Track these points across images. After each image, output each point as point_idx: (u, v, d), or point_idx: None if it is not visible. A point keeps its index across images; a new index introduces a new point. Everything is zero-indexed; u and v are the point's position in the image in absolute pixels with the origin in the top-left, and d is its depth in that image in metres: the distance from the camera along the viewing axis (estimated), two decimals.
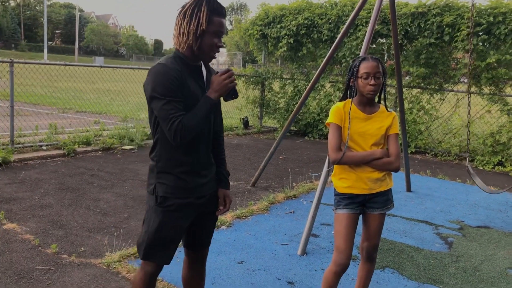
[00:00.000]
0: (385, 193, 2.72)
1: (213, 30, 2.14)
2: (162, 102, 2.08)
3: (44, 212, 4.67)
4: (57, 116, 10.70)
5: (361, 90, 2.61)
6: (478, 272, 3.87)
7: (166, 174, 2.24)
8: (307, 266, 3.80)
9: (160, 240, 2.28)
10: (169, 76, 2.09)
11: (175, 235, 2.30)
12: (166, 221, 2.25)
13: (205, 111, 2.14)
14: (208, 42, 2.16)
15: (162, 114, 2.09)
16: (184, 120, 2.07)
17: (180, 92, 2.12)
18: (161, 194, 2.24)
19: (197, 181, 2.29)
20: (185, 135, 2.09)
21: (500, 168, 8.31)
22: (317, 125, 10.76)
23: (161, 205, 2.25)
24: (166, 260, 2.34)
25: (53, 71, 9.21)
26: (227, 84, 2.17)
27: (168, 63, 2.14)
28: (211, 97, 2.16)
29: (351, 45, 9.75)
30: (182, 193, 2.25)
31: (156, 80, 2.10)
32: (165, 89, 2.08)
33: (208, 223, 2.49)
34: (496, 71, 8.30)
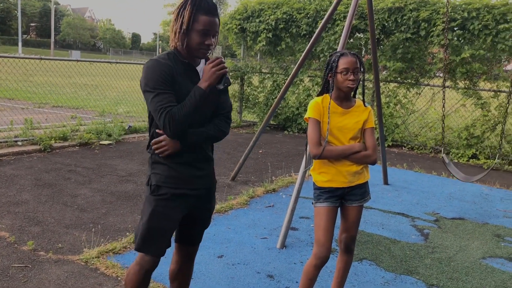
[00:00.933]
0: (362, 186, 2.77)
1: (198, 28, 2.15)
2: (152, 95, 2.13)
3: (20, 209, 4.60)
4: (33, 111, 10.51)
5: (340, 85, 2.63)
6: (453, 263, 3.96)
7: (159, 164, 2.29)
8: (287, 259, 3.84)
9: (153, 230, 2.29)
10: (159, 70, 2.13)
11: (168, 225, 2.31)
12: (159, 210, 2.28)
13: (194, 101, 2.15)
14: (195, 41, 2.17)
15: (153, 106, 2.13)
16: (173, 111, 2.10)
17: (170, 85, 2.15)
18: (154, 183, 2.28)
19: (191, 172, 2.31)
20: (175, 125, 2.11)
21: (474, 161, 8.49)
22: (296, 119, 10.81)
23: (154, 194, 2.28)
24: (160, 251, 2.34)
25: (28, 65, 9.02)
26: (215, 72, 2.17)
27: (160, 58, 2.19)
28: (201, 87, 2.17)
29: (329, 39, 9.81)
30: (175, 183, 2.28)
31: (148, 74, 2.15)
32: (155, 82, 2.12)
33: (202, 219, 2.51)
34: (470, 66, 8.47)
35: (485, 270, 3.86)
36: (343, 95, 2.69)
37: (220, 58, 2.19)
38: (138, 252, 2.38)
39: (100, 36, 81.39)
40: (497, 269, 3.90)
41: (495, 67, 8.70)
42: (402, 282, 3.54)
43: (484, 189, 6.58)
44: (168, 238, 2.35)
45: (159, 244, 2.33)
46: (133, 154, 7.38)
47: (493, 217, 5.31)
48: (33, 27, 77.89)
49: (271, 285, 3.35)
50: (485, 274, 3.78)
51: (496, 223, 5.12)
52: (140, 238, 2.32)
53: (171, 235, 2.36)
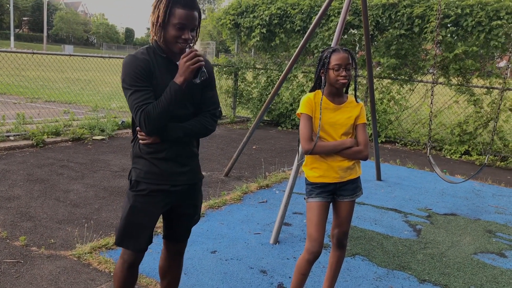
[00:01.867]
0: (354, 181, 2.78)
1: (174, 22, 2.10)
2: (129, 92, 2.11)
3: (12, 204, 4.57)
4: (25, 105, 10.43)
5: (332, 81, 2.64)
6: (445, 258, 3.99)
7: (140, 158, 2.27)
8: (280, 254, 3.84)
9: (132, 225, 2.27)
10: (136, 66, 2.10)
11: (147, 221, 2.29)
12: (138, 206, 2.26)
13: (169, 98, 2.10)
14: (171, 34, 2.12)
15: (130, 103, 2.12)
16: (148, 108, 2.08)
17: (148, 81, 2.12)
18: (133, 178, 2.26)
19: (172, 168, 2.27)
20: (151, 123, 2.09)
21: (467, 157, 8.54)
22: (290, 115, 10.81)
23: (133, 189, 2.26)
24: (139, 247, 2.32)
25: (20, 59, 8.94)
26: (189, 67, 2.10)
27: (138, 54, 2.15)
28: (176, 82, 2.12)
29: (323, 35, 9.81)
30: (155, 179, 2.25)
31: (125, 70, 2.12)
32: (131, 79, 2.10)
33: (188, 216, 2.47)
34: (463, 62, 8.50)
35: (476, 265, 3.89)
36: (335, 91, 2.69)
37: (194, 51, 2.11)
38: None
39: (93, 31, 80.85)
40: (489, 264, 3.93)
41: (488, 64, 8.74)
42: (394, 278, 3.56)
43: (476, 185, 6.62)
44: (148, 233, 2.32)
45: (138, 240, 2.30)
46: (126, 149, 7.35)
47: (485, 213, 5.35)
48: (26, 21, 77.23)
49: (264, 281, 3.36)
50: (476, 269, 3.81)
51: (488, 219, 5.16)
52: (119, 233, 2.31)
53: (150, 231, 2.33)
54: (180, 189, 2.33)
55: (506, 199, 6.00)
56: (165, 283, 2.65)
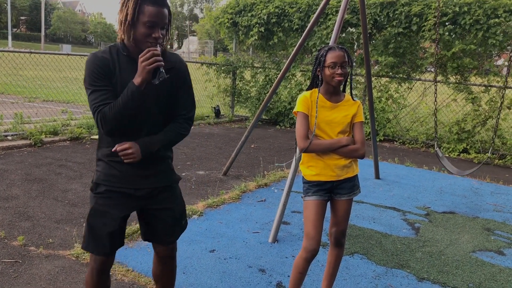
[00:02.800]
0: (351, 179, 2.77)
1: (144, 20, 2.01)
2: (88, 92, 2.08)
3: (10, 204, 4.57)
4: (23, 105, 10.42)
5: (328, 79, 2.64)
6: (443, 256, 3.99)
7: (100, 161, 2.24)
8: (278, 253, 3.84)
9: (94, 228, 2.23)
10: (95, 66, 2.06)
11: (107, 224, 2.21)
12: (98, 208, 2.22)
13: (126, 99, 2.02)
14: (140, 33, 2.04)
15: (89, 104, 2.07)
16: (104, 110, 2.03)
17: (107, 81, 2.06)
18: (94, 181, 2.23)
19: (133, 171, 2.21)
20: (107, 123, 2.05)
21: (465, 155, 8.55)
22: (288, 114, 10.81)
23: (94, 191, 2.23)
24: (103, 251, 2.25)
25: (17, 59, 8.93)
26: (145, 67, 2.00)
27: (99, 52, 2.10)
28: (134, 83, 2.03)
29: (321, 34, 9.80)
30: (115, 181, 2.20)
31: (86, 70, 2.08)
32: (90, 79, 2.06)
33: (163, 219, 2.36)
34: (461, 61, 8.50)
35: (475, 263, 3.89)
36: (332, 89, 2.69)
37: (152, 51, 2.00)
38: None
39: (91, 30, 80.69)
40: (487, 262, 3.93)
41: (486, 62, 8.75)
42: (393, 276, 3.56)
43: (474, 183, 6.63)
44: (112, 237, 2.24)
45: (102, 243, 2.23)
46: None
47: (483, 211, 5.35)
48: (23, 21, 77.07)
49: (262, 279, 3.36)
50: (475, 267, 3.81)
51: (486, 217, 5.16)
52: (84, 237, 2.27)
53: (114, 234, 2.24)
54: (144, 193, 2.26)
55: (504, 197, 6.01)
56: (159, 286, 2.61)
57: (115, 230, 2.24)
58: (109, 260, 2.32)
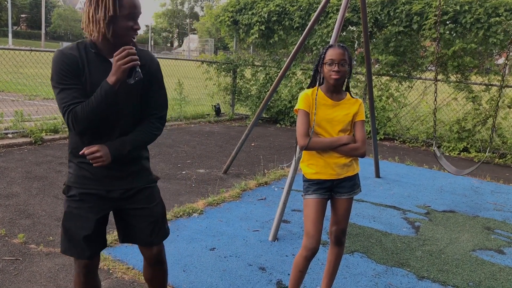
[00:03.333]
0: (352, 178, 2.77)
1: (125, 13, 1.98)
2: (56, 91, 2.01)
3: (11, 202, 4.57)
4: (24, 103, 10.42)
5: (326, 76, 2.65)
6: (443, 255, 3.99)
7: (71, 163, 2.19)
8: (278, 251, 3.85)
9: (69, 232, 2.18)
10: (62, 63, 1.99)
11: (82, 227, 2.17)
12: (71, 211, 2.17)
13: (99, 98, 1.97)
14: (122, 27, 1.99)
15: (58, 103, 2.01)
16: (76, 109, 1.98)
17: (76, 79, 2.01)
18: (66, 183, 2.19)
19: (105, 173, 2.16)
20: (79, 124, 1.99)
21: (465, 154, 8.55)
22: (289, 112, 10.81)
23: (66, 194, 2.19)
24: (84, 254, 2.20)
25: (18, 56, 8.92)
26: (120, 66, 1.95)
27: (66, 49, 2.03)
28: (107, 82, 1.98)
29: (322, 32, 9.80)
30: (86, 183, 2.15)
31: (52, 68, 2.01)
32: (58, 77, 1.99)
33: (136, 222, 2.29)
34: (462, 59, 8.49)
35: (475, 262, 3.89)
36: (333, 88, 2.69)
37: (127, 50, 1.95)
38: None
39: None
40: (487, 261, 3.93)
41: (487, 60, 8.74)
42: (393, 274, 3.56)
43: (474, 182, 6.63)
44: (89, 240, 2.18)
45: (80, 247, 2.19)
46: None
47: (483, 210, 5.35)
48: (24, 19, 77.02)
49: (263, 278, 3.36)
50: (475, 266, 3.81)
51: (487, 215, 5.17)
52: (62, 241, 2.23)
53: (91, 237, 2.19)
54: (118, 194, 2.22)
55: (505, 196, 6.01)
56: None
57: (91, 233, 2.18)
58: (93, 262, 2.27)
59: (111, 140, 2.13)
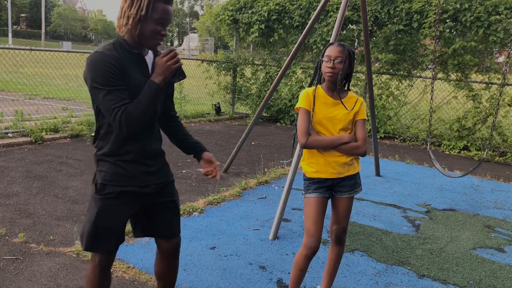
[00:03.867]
0: (353, 177, 2.76)
1: (156, 17, 2.02)
2: (103, 93, 1.99)
3: (11, 201, 4.57)
4: (24, 102, 10.42)
5: (323, 73, 2.66)
6: (444, 253, 3.99)
7: (104, 162, 2.19)
8: (279, 250, 3.85)
9: (100, 229, 2.20)
10: (107, 64, 1.97)
11: (116, 224, 2.22)
12: (106, 209, 2.18)
13: (150, 97, 2.03)
14: (150, 29, 2.04)
15: (105, 105, 2.00)
16: (129, 109, 1.99)
17: (121, 80, 2.02)
18: (99, 182, 2.19)
19: (139, 169, 2.20)
20: (132, 124, 2.01)
21: (465, 153, 8.54)
22: (289, 111, 10.80)
23: (100, 193, 2.19)
24: (110, 249, 2.26)
25: (18, 56, 8.92)
26: (170, 66, 2.04)
27: (106, 50, 2.02)
28: (155, 81, 2.05)
29: (322, 31, 9.79)
30: (122, 181, 2.18)
31: (94, 69, 1.98)
32: (104, 79, 1.97)
33: (164, 214, 2.38)
34: (462, 58, 8.49)
35: (475, 260, 3.89)
36: (333, 86, 2.69)
37: (174, 51, 2.07)
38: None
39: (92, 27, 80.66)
40: (487, 259, 3.93)
41: (487, 59, 8.74)
42: (393, 273, 3.56)
43: (475, 181, 6.63)
44: (118, 235, 2.25)
45: (108, 242, 2.23)
46: None
47: (483, 208, 5.35)
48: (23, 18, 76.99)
49: (263, 276, 3.36)
50: (475, 264, 3.81)
51: (487, 214, 5.16)
52: (88, 238, 2.22)
53: (120, 232, 2.26)
54: (151, 189, 2.27)
55: (505, 194, 6.01)
56: (162, 284, 2.60)
57: (122, 228, 2.27)
58: (113, 256, 2.33)
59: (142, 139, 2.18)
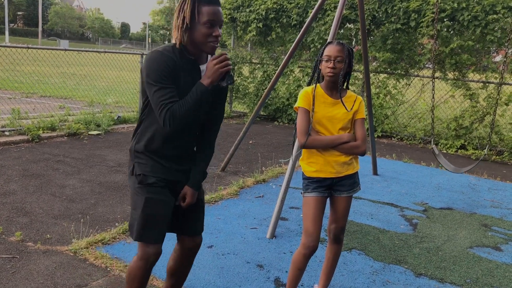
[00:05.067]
0: (352, 176, 2.77)
1: (203, 20, 2.09)
2: (154, 89, 2.09)
3: (8, 199, 4.56)
4: (21, 100, 10.38)
5: (323, 73, 2.65)
6: (441, 252, 4.00)
7: (142, 154, 2.29)
8: (276, 249, 3.85)
9: (151, 217, 2.27)
10: (163, 63, 2.08)
11: (162, 211, 2.29)
12: (152, 197, 2.26)
13: (196, 98, 2.10)
14: (201, 34, 2.11)
15: (154, 100, 2.10)
16: (174, 107, 2.08)
17: (173, 80, 2.11)
18: (139, 173, 2.27)
19: (173, 166, 2.31)
20: (175, 122, 2.09)
21: (462, 152, 8.56)
22: (286, 110, 10.80)
23: (143, 183, 2.27)
24: (161, 238, 2.31)
25: (15, 54, 8.89)
26: (218, 69, 2.11)
27: (165, 51, 2.13)
28: (203, 84, 2.12)
29: (320, 30, 9.79)
30: (161, 173, 2.28)
31: (151, 66, 2.09)
32: (157, 76, 2.08)
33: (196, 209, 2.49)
34: (459, 57, 8.50)
35: (472, 259, 3.90)
36: (332, 85, 2.69)
37: (224, 54, 2.12)
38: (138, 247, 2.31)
39: (89, 26, 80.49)
40: (484, 258, 3.94)
41: (484, 58, 8.75)
42: (390, 271, 3.57)
43: (472, 179, 6.64)
44: (166, 223, 2.33)
45: (159, 230, 2.29)
46: (122, 144, 7.33)
47: (480, 207, 5.37)
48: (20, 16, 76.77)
49: (260, 275, 3.36)
50: (472, 263, 3.82)
51: (484, 213, 5.18)
52: (139, 228, 2.26)
53: (167, 221, 2.34)
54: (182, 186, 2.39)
55: (502, 193, 6.03)
56: (173, 281, 2.64)
57: (170, 216, 2.34)
58: (160, 249, 2.35)
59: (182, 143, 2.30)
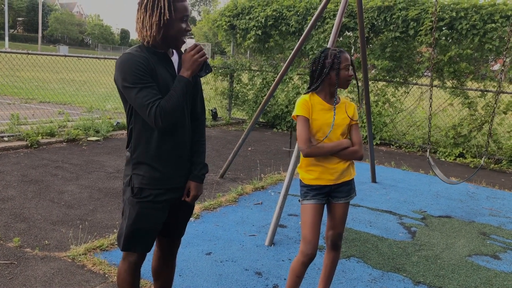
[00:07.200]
0: (349, 183, 2.78)
1: (178, 16, 2.13)
2: (135, 91, 2.06)
3: (6, 205, 4.55)
4: (20, 106, 10.38)
5: (342, 81, 2.65)
6: (439, 260, 4.00)
7: (141, 164, 2.23)
8: (275, 256, 3.84)
9: (138, 231, 2.27)
10: (136, 63, 2.06)
11: (153, 226, 2.30)
12: (144, 212, 2.25)
13: (181, 91, 2.11)
14: (176, 29, 2.13)
15: (138, 102, 2.07)
16: (162, 103, 2.06)
17: (151, 78, 2.11)
18: (137, 186, 2.24)
19: (173, 171, 2.29)
20: (166, 118, 2.08)
21: (461, 160, 8.57)
22: (285, 117, 10.82)
23: (137, 197, 2.24)
24: (146, 249, 2.34)
25: (14, 60, 8.90)
26: (197, 60, 2.13)
27: (133, 51, 2.13)
28: (184, 76, 2.14)
29: (319, 37, 9.82)
30: (158, 184, 2.25)
31: (124, 69, 2.07)
32: (135, 77, 2.06)
33: (182, 214, 2.48)
34: (457, 65, 8.54)
35: (471, 267, 3.90)
36: (332, 92, 2.70)
37: (199, 45, 2.15)
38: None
39: (89, 32, 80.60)
40: (483, 266, 3.94)
41: (482, 66, 8.79)
42: (389, 279, 3.56)
43: (470, 188, 6.65)
44: (154, 236, 2.35)
45: (145, 243, 2.32)
46: (121, 150, 7.33)
47: (479, 215, 5.37)
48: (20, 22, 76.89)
49: (259, 282, 3.36)
50: (471, 271, 3.82)
51: (482, 221, 5.18)
52: (126, 239, 2.28)
53: (157, 233, 2.36)
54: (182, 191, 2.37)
55: (500, 201, 6.03)
56: (159, 284, 2.64)
57: (158, 229, 2.35)
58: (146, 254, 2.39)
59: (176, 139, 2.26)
